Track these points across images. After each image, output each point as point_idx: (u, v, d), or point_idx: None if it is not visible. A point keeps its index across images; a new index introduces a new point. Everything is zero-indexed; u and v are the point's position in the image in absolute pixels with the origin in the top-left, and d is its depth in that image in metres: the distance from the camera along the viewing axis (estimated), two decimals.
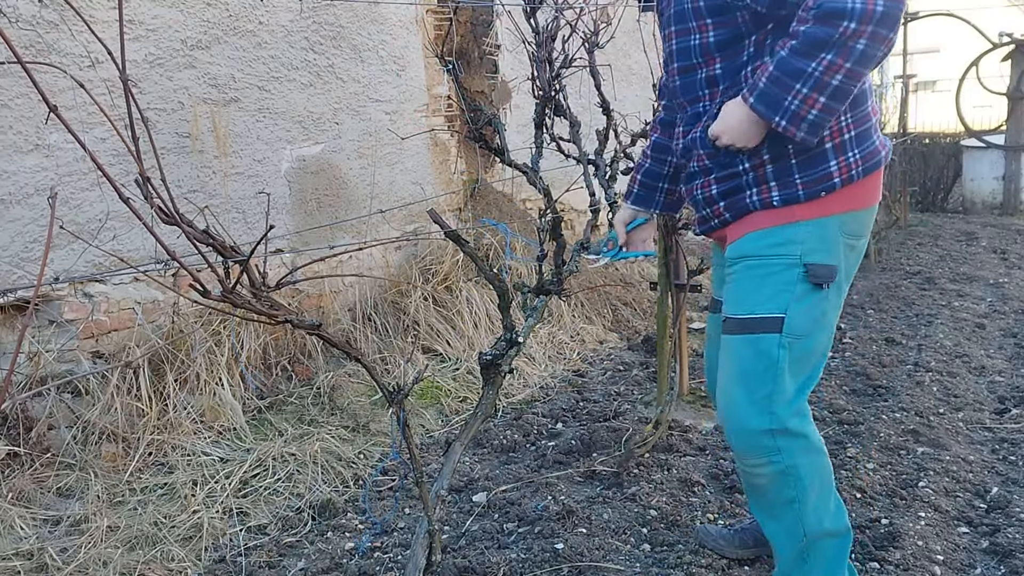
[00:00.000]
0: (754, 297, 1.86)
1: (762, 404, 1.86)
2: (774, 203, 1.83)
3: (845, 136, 1.81)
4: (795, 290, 1.83)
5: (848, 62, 1.63)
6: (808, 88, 1.65)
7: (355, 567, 2.44)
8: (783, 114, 1.69)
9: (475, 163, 5.35)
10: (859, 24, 1.59)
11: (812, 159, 1.80)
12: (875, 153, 1.85)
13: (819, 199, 1.81)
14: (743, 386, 1.88)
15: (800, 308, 1.83)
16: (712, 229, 2.02)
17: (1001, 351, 4.34)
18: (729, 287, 1.94)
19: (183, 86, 3.53)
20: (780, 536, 2.00)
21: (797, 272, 1.82)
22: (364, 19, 4.42)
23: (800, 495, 1.91)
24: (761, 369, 1.86)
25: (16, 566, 2.42)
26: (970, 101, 9.25)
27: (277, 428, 3.39)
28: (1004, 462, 3.01)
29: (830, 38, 1.61)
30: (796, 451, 1.89)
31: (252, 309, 1.41)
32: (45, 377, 3.06)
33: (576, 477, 2.99)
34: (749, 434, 1.89)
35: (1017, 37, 8.87)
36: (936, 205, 9.71)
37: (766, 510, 2.00)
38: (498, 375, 2.00)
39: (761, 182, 1.84)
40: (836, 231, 1.84)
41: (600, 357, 4.57)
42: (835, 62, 1.63)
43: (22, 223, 3.05)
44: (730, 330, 1.92)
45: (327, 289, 4.26)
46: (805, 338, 1.85)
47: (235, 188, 3.76)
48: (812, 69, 1.64)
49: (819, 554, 1.97)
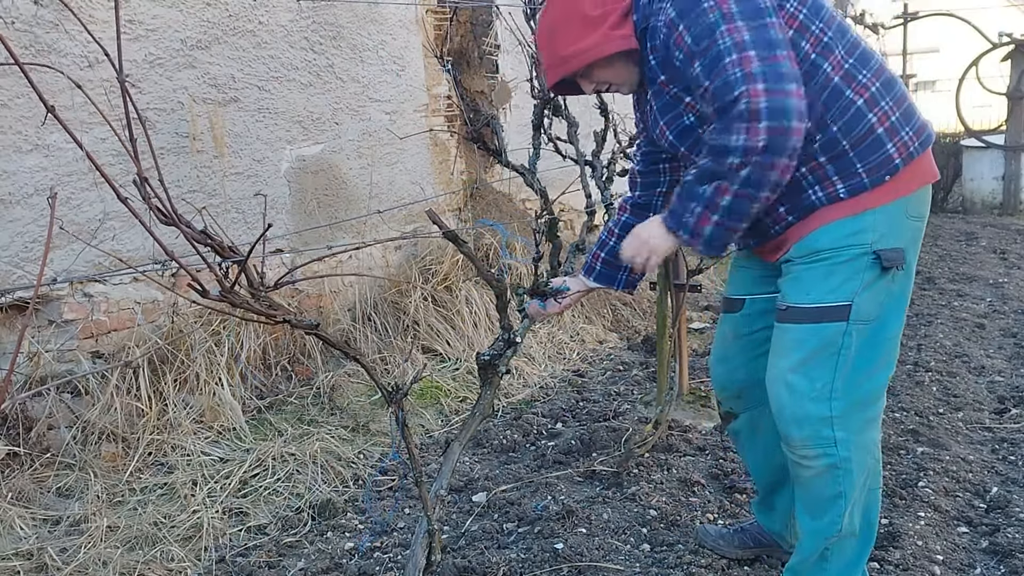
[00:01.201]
0: (821, 287, 1.85)
1: (823, 392, 1.85)
2: (840, 195, 1.82)
3: (893, 118, 1.81)
4: (864, 277, 1.83)
5: (734, 185, 1.72)
6: (702, 207, 1.77)
7: (355, 567, 2.44)
8: (683, 228, 1.82)
9: (475, 163, 5.35)
10: (743, 158, 1.68)
11: (870, 145, 1.80)
12: (925, 127, 1.87)
13: (884, 184, 1.81)
14: (804, 374, 1.86)
15: (868, 295, 1.83)
16: (770, 238, 1.95)
17: (1001, 351, 4.34)
18: (792, 277, 1.90)
19: (182, 86, 3.53)
20: (813, 533, 1.97)
21: (867, 260, 1.82)
22: (364, 19, 4.42)
23: (847, 491, 1.90)
24: (824, 357, 1.85)
25: (16, 566, 2.42)
26: (970, 101, 9.25)
27: (277, 428, 3.39)
28: (1004, 462, 3.02)
29: (718, 171, 1.73)
30: (852, 445, 1.87)
31: (251, 309, 1.41)
32: (45, 377, 3.06)
33: (576, 477, 2.99)
34: (808, 422, 1.87)
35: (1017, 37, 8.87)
36: (936, 205, 9.70)
37: (809, 506, 1.97)
38: (495, 375, 2.00)
39: (823, 179, 1.83)
40: (901, 214, 1.84)
41: (600, 357, 4.57)
42: (722, 185, 1.74)
43: (22, 223, 3.05)
44: (792, 318, 1.89)
45: (327, 289, 4.26)
46: (874, 322, 1.85)
47: (234, 188, 3.76)
48: (703, 191, 1.76)
49: (840, 554, 1.97)
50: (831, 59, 1.79)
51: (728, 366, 2.22)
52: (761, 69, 1.64)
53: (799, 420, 1.88)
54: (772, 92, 1.64)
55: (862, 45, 1.86)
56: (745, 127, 1.65)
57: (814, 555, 1.98)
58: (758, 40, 1.67)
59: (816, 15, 1.80)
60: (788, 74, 1.66)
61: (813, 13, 1.80)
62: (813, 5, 1.81)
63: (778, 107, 1.64)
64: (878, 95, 1.81)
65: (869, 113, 1.80)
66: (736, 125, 1.66)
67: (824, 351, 1.85)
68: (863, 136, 1.80)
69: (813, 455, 1.88)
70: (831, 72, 1.79)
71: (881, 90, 1.82)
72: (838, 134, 1.80)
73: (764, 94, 1.63)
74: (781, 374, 1.91)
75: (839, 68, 1.80)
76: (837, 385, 1.85)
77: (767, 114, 1.64)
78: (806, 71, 1.77)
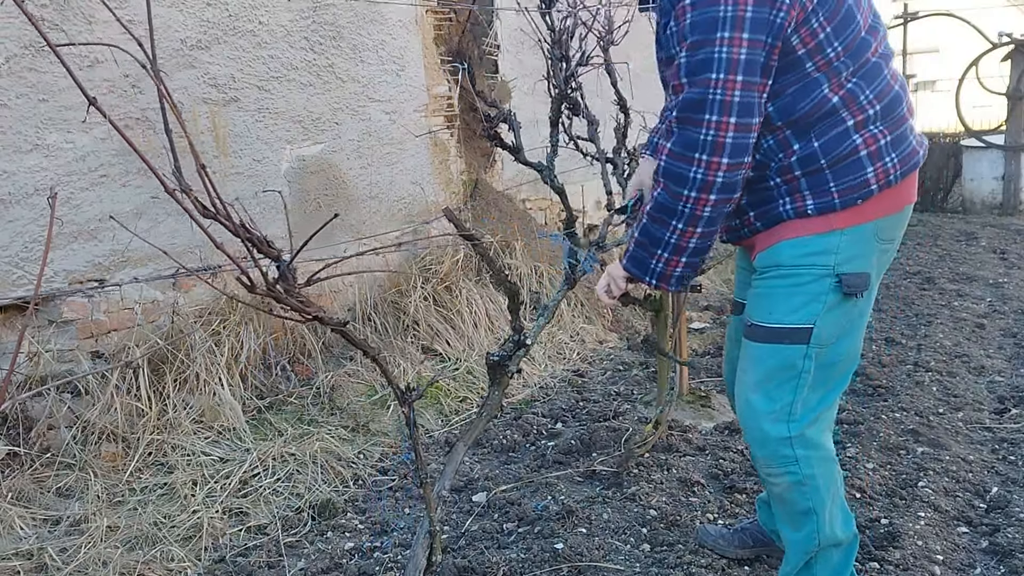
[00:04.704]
0: (783, 306, 1.83)
1: (782, 413, 1.85)
2: (808, 212, 1.78)
3: (881, 142, 1.76)
4: (826, 300, 1.80)
5: (699, 227, 1.74)
6: (668, 253, 1.78)
7: (355, 567, 2.44)
8: (651, 275, 1.83)
9: (475, 163, 5.35)
10: (699, 193, 1.69)
11: (848, 166, 1.75)
12: (913, 154, 1.82)
13: (855, 206, 1.77)
14: (764, 394, 1.87)
15: (830, 318, 1.81)
16: (741, 238, 1.97)
17: (1001, 351, 4.34)
18: (756, 293, 1.90)
19: (183, 86, 3.53)
20: (797, 544, 1.99)
21: (829, 283, 1.79)
22: (364, 19, 4.42)
23: (817, 506, 1.91)
24: (784, 379, 1.84)
25: (16, 566, 2.42)
26: (970, 101, 9.24)
27: (277, 428, 3.39)
28: (1004, 462, 3.02)
29: (675, 207, 1.72)
30: (814, 461, 1.88)
31: (290, 304, 1.43)
32: (45, 377, 3.06)
33: (576, 477, 2.99)
34: (768, 442, 1.88)
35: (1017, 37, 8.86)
36: (936, 205, 9.70)
37: (787, 519, 1.99)
38: (505, 375, 2.00)
39: (794, 191, 1.79)
40: (871, 237, 1.80)
41: (600, 357, 4.57)
42: (686, 230, 1.75)
43: (22, 223, 3.05)
44: (754, 336, 1.89)
45: (327, 289, 4.26)
46: (833, 346, 1.84)
47: (235, 188, 3.76)
48: (668, 237, 1.77)
49: (825, 561, 1.98)
50: (833, 80, 1.74)
51: (732, 367, 2.23)
52: (738, 100, 1.64)
53: (759, 440, 1.90)
54: (739, 128, 1.65)
55: (873, 60, 1.78)
56: (705, 160, 1.66)
57: (799, 564, 2.00)
58: (750, 64, 1.64)
59: (838, 36, 1.72)
60: (756, 106, 1.67)
61: (836, 34, 1.71)
62: (841, 23, 1.72)
63: (741, 145, 1.66)
64: (873, 118, 1.76)
65: (855, 135, 1.75)
66: (695, 155, 1.67)
67: (783, 372, 1.85)
68: (843, 156, 1.75)
69: (777, 473, 1.90)
70: (829, 92, 1.74)
71: (879, 113, 1.76)
72: (818, 150, 1.76)
73: (732, 129, 1.64)
74: (744, 390, 1.92)
75: (840, 88, 1.74)
76: (796, 407, 1.85)
77: (730, 151, 1.65)
78: (803, 86, 1.73)
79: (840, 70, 1.74)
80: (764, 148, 1.80)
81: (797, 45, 1.70)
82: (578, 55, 2.86)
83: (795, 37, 1.69)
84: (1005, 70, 9.15)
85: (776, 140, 1.79)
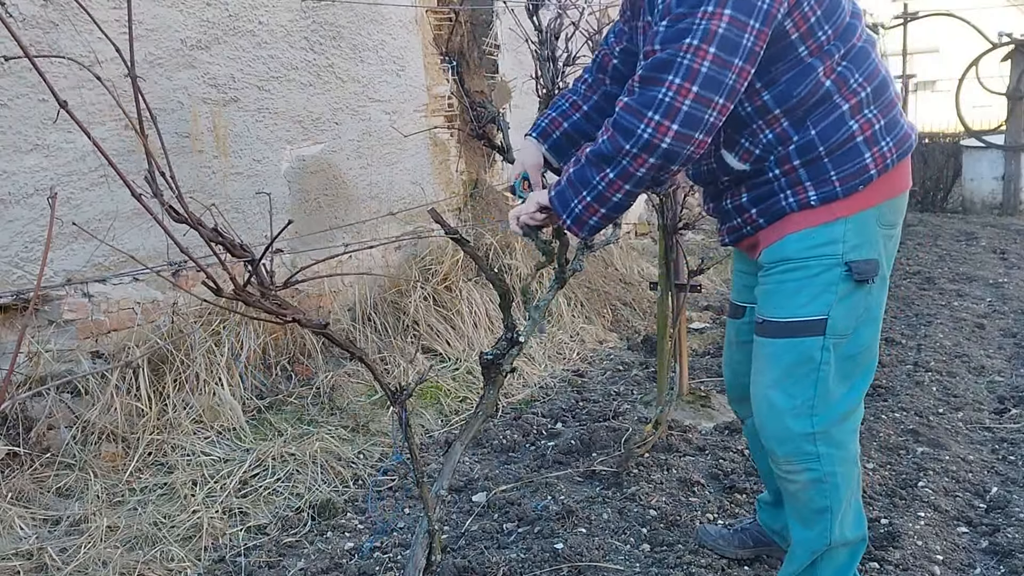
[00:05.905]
0: (795, 300, 1.83)
1: (804, 408, 1.84)
2: (811, 203, 1.79)
3: (876, 127, 1.79)
4: (838, 290, 1.80)
5: (627, 184, 1.71)
6: (591, 198, 1.75)
7: (355, 567, 2.44)
8: (569, 214, 1.79)
9: (475, 163, 5.35)
10: (640, 151, 1.66)
11: (846, 154, 1.77)
12: (906, 138, 1.84)
13: (856, 193, 1.79)
14: (783, 391, 1.85)
15: (843, 308, 1.81)
16: (744, 237, 1.96)
17: (1001, 351, 4.34)
18: (766, 289, 1.89)
19: (183, 86, 3.53)
20: (806, 543, 1.97)
21: (839, 272, 1.80)
22: (364, 19, 4.42)
23: (834, 504, 1.90)
24: (803, 373, 1.83)
25: (16, 566, 2.42)
26: (970, 101, 9.25)
27: (277, 428, 3.39)
28: (1004, 462, 3.02)
29: (614, 156, 1.69)
30: (836, 460, 1.87)
31: (262, 308, 1.41)
32: (45, 377, 3.05)
33: (576, 477, 2.99)
34: (790, 439, 1.86)
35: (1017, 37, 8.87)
36: (935, 205, 9.70)
37: (799, 517, 1.98)
38: (499, 374, 2.00)
39: (795, 183, 1.80)
40: (873, 223, 1.82)
41: (600, 357, 4.57)
42: (615, 182, 1.71)
43: (22, 223, 3.05)
44: (768, 333, 1.88)
45: (327, 289, 4.26)
46: (851, 336, 1.84)
47: (235, 188, 3.76)
48: (597, 183, 1.73)
49: (830, 561, 1.97)
50: (826, 63, 1.76)
51: (732, 371, 2.22)
52: (705, 71, 1.62)
53: (781, 437, 1.88)
54: (699, 99, 1.62)
55: (859, 45, 1.82)
56: (656, 121, 1.63)
57: (804, 564, 1.98)
58: (727, 40, 1.62)
59: (828, 19, 1.75)
60: (724, 85, 1.63)
61: (826, 17, 1.75)
62: (830, 6, 1.75)
63: (696, 117, 1.63)
64: (865, 101, 1.78)
65: (851, 120, 1.77)
66: (648, 113, 1.63)
67: (802, 367, 1.83)
68: (841, 143, 1.77)
69: (797, 470, 1.88)
70: (822, 76, 1.76)
71: (871, 95, 1.79)
72: (816, 138, 1.77)
73: (691, 97, 1.62)
74: (762, 390, 1.91)
75: (831, 71, 1.77)
76: (818, 401, 1.84)
77: (683, 118, 1.62)
78: (798, 72, 1.75)
79: (832, 52, 1.77)
80: (764, 143, 1.81)
81: (790, 29, 1.71)
82: (564, 55, 2.86)
83: (788, 21, 1.70)
84: (1005, 70, 9.15)
85: (775, 133, 1.80)
